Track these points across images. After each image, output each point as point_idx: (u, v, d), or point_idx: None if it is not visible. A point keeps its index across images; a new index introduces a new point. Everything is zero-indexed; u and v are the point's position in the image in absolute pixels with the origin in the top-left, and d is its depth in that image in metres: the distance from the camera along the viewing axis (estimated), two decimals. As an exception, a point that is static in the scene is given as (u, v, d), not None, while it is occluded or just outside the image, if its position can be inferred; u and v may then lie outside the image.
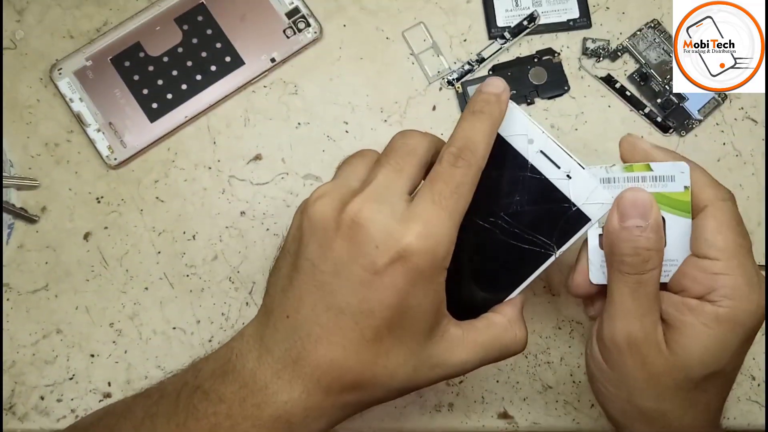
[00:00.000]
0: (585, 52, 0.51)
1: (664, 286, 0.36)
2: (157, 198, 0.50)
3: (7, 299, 0.48)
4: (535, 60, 0.51)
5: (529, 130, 0.36)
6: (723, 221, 0.34)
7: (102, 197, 0.50)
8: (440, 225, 0.32)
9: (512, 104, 0.36)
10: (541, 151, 0.36)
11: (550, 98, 0.51)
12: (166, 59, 0.50)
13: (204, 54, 0.51)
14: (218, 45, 0.51)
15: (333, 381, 0.33)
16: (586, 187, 0.35)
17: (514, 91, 0.51)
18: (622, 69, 0.51)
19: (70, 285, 0.49)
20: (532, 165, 0.36)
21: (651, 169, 0.35)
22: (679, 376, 0.34)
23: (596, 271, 0.38)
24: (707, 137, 0.51)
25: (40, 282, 0.49)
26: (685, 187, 0.33)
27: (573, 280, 0.38)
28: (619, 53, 0.51)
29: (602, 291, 0.38)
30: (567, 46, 0.52)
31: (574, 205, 0.35)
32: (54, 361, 0.48)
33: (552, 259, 0.36)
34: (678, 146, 0.50)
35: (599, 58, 0.51)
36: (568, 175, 0.35)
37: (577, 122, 0.51)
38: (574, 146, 0.48)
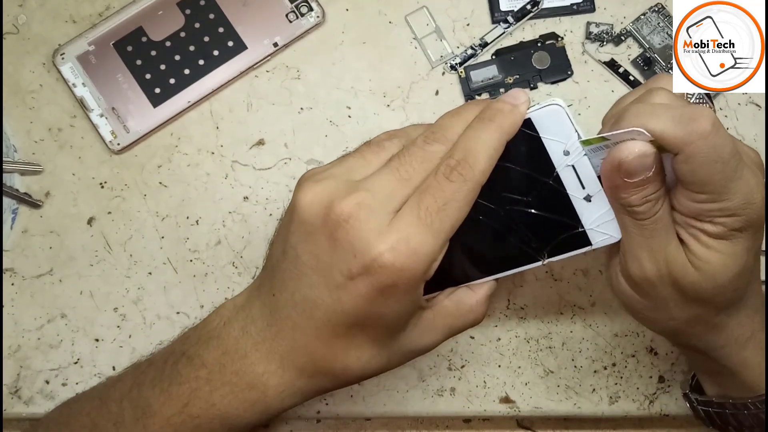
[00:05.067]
0: (588, 36, 0.51)
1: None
2: (160, 183, 0.50)
3: (12, 284, 0.49)
4: (539, 44, 0.51)
5: (570, 141, 0.34)
6: (700, 165, 0.31)
7: (105, 182, 0.50)
8: (421, 243, 0.31)
9: (564, 109, 0.33)
10: (573, 166, 0.34)
11: (553, 83, 0.51)
12: (168, 44, 0.50)
13: (206, 39, 0.50)
14: (221, 29, 0.50)
15: (306, 364, 0.34)
16: (600, 215, 0.35)
17: (518, 76, 0.51)
18: (626, 53, 0.51)
19: (74, 270, 0.49)
20: (557, 175, 0.34)
21: (607, 139, 0.33)
22: (709, 286, 0.34)
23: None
24: (711, 122, 0.50)
25: (44, 267, 0.49)
26: (651, 141, 0.32)
27: None
28: (623, 37, 0.51)
29: None
30: (570, 31, 0.51)
31: (582, 227, 0.35)
32: (59, 345, 0.48)
33: (538, 264, 0.35)
34: (681, 131, 0.50)
35: (603, 42, 0.51)
36: (587, 198, 0.34)
37: (580, 107, 0.51)
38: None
